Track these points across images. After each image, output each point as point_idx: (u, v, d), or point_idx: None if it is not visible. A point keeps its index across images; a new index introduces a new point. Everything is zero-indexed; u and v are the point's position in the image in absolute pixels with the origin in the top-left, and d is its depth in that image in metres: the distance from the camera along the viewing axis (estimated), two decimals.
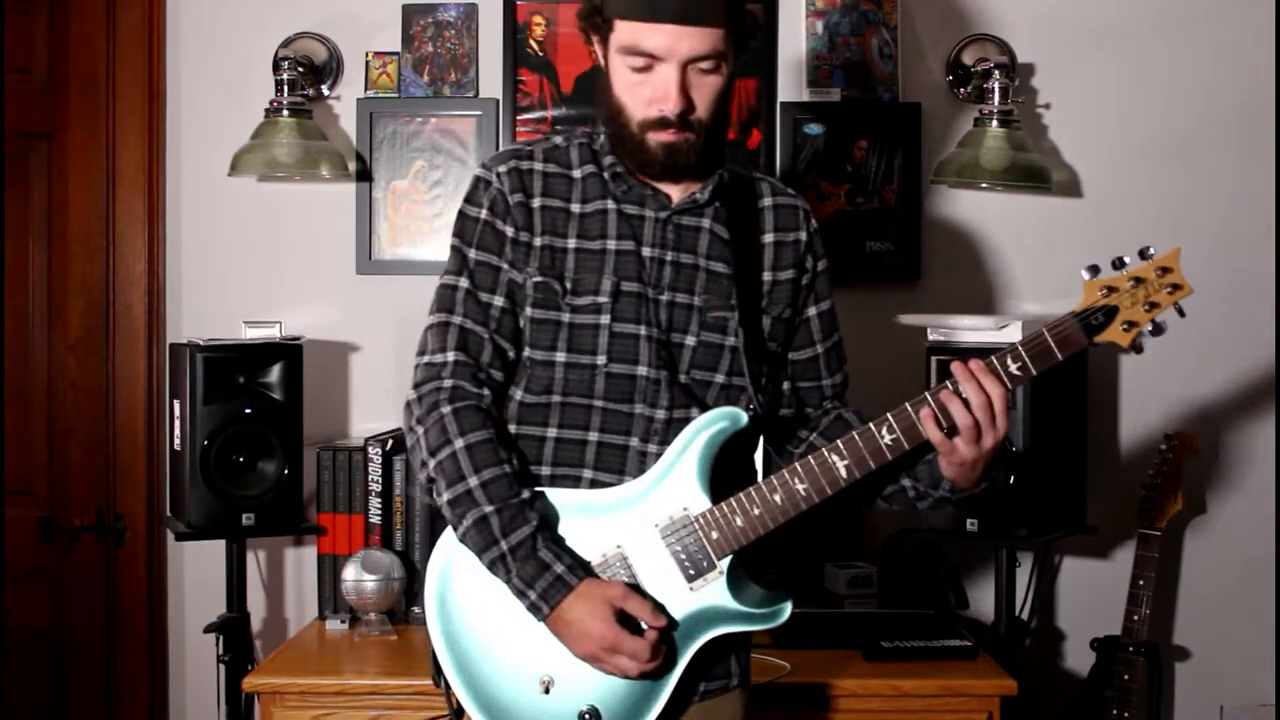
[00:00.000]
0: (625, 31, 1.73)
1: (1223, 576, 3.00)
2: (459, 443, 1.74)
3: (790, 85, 2.99)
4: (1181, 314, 1.76)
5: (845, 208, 2.98)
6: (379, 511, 2.77)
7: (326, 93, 3.00)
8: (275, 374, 2.69)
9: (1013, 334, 2.67)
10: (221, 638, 2.67)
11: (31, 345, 3.06)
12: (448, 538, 1.79)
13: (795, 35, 2.98)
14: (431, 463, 1.76)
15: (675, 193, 1.84)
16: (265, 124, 2.90)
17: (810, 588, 2.83)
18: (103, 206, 3.03)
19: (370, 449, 2.77)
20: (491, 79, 2.98)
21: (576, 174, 1.85)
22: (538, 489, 1.78)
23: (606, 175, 1.84)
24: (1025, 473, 2.61)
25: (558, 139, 1.89)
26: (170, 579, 3.06)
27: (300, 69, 2.91)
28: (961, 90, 2.97)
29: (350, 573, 2.68)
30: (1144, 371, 3.00)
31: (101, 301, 3.03)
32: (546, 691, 1.75)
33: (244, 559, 2.75)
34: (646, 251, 1.82)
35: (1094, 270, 1.73)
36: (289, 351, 2.71)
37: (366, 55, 3.00)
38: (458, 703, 1.78)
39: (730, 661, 1.88)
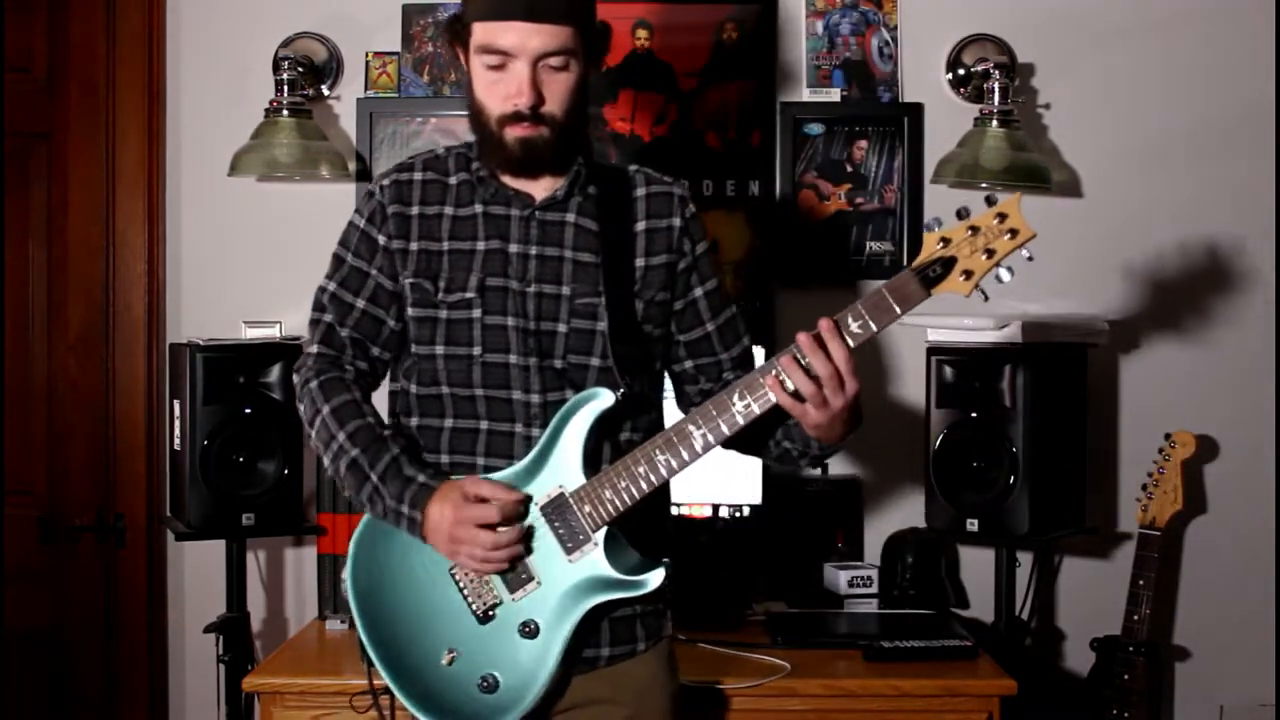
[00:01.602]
0: (480, 32, 1.86)
1: (1223, 576, 3.00)
2: (325, 409, 1.94)
3: (790, 85, 2.99)
4: (1029, 258, 1.74)
5: (845, 208, 2.98)
6: None
7: (326, 93, 3.00)
8: (275, 374, 2.69)
9: (1013, 334, 2.67)
10: (221, 638, 2.67)
11: (31, 345, 3.06)
12: (363, 521, 1.97)
13: (795, 35, 2.98)
14: (312, 435, 1.96)
15: (538, 191, 1.96)
16: (265, 124, 2.90)
17: (794, 584, 2.85)
18: (103, 206, 3.03)
19: None
20: None
21: (452, 180, 1.99)
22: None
23: (474, 179, 1.97)
24: (1025, 473, 2.62)
25: (440, 150, 2.04)
26: (170, 579, 3.06)
27: (300, 69, 2.91)
28: (961, 90, 2.97)
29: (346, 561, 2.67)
30: (1144, 371, 3.00)
31: (101, 301, 3.03)
32: (451, 664, 1.90)
33: (244, 559, 2.75)
34: (513, 248, 1.94)
35: (938, 223, 1.75)
36: (289, 351, 2.70)
37: (366, 55, 3.00)
38: (381, 682, 1.94)
39: (635, 627, 1.97)
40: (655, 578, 1.87)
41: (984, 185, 2.86)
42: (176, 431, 2.71)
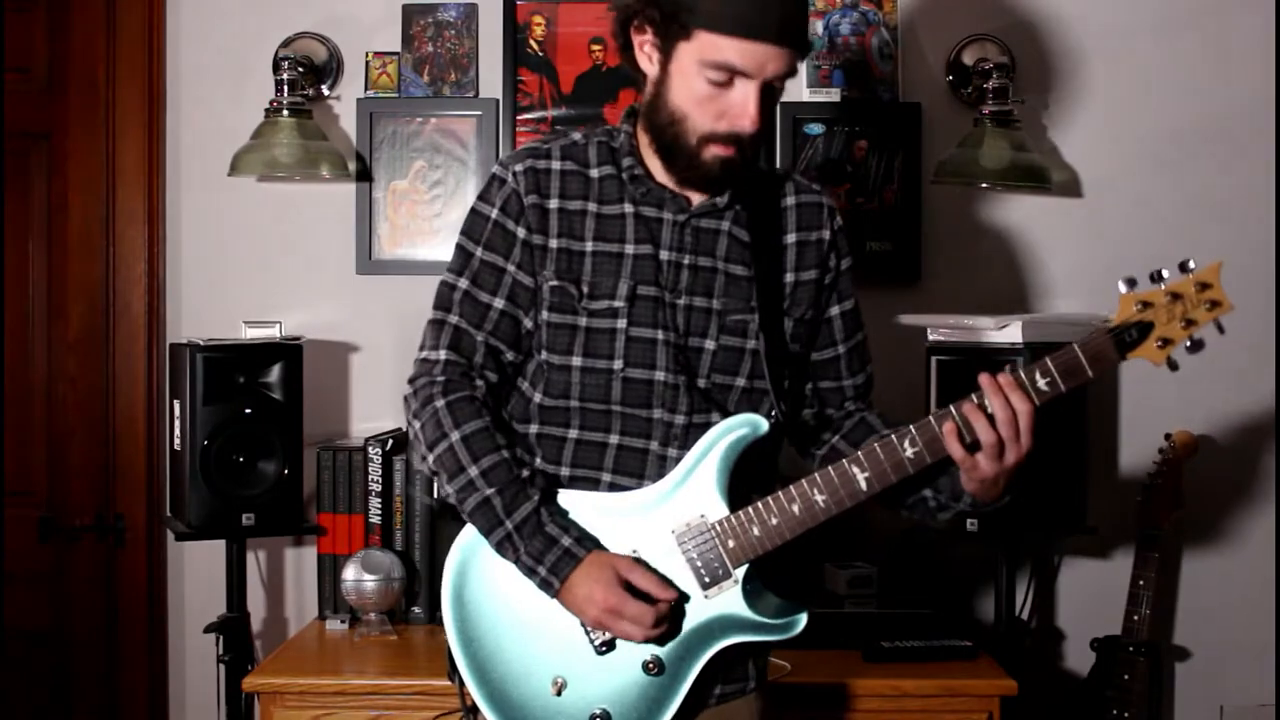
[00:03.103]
0: (712, 45, 1.68)
1: (1223, 576, 3.00)
2: (455, 435, 1.75)
3: (790, 85, 2.97)
4: (1221, 330, 1.69)
5: (845, 208, 2.97)
6: (379, 511, 2.77)
7: (326, 93, 3.00)
8: (275, 374, 2.69)
9: (1013, 334, 2.67)
10: (221, 638, 2.67)
11: (31, 345, 3.06)
12: (466, 534, 1.80)
13: None
14: (431, 457, 1.78)
15: (694, 195, 1.82)
16: (265, 124, 2.90)
17: (813, 591, 2.83)
18: (103, 206, 3.03)
19: (370, 449, 2.77)
20: (491, 79, 2.98)
21: (594, 173, 1.82)
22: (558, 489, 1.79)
23: (625, 176, 1.82)
24: (1025, 473, 2.61)
25: (576, 135, 1.86)
26: (170, 579, 3.06)
27: (300, 69, 2.91)
28: (961, 90, 2.97)
29: (350, 573, 2.68)
30: (1144, 372, 2.99)
31: (101, 301, 3.03)
32: (559, 693, 1.75)
33: (244, 559, 2.75)
34: (664, 255, 1.80)
35: (1131, 283, 1.66)
36: (289, 351, 2.71)
37: (366, 55, 3.00)
38: (472, 700, 1.79)
39: (748, 665, 1.87)
40: (799, 624, 1.76)
41: (984, 185, 2.86)
42: (176, 431, 2.71)
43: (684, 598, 1.74)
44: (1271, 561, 3.00)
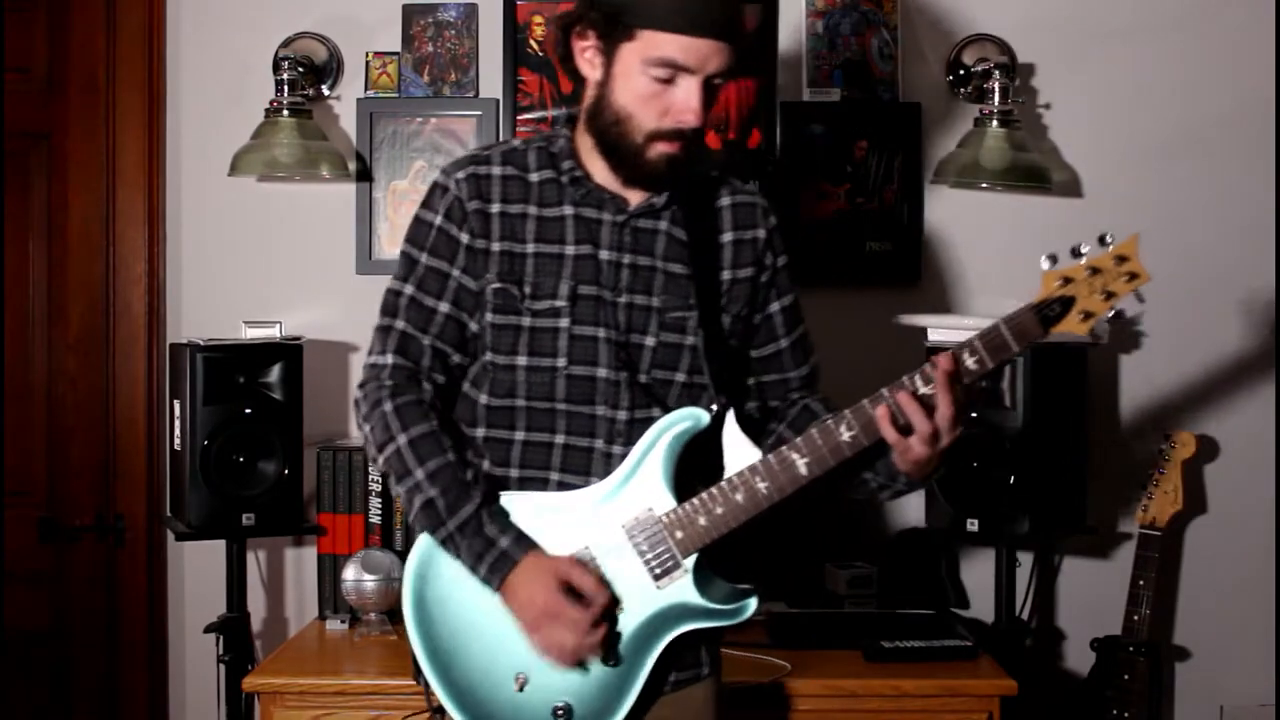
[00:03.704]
0: (654, 42, 1.73)
1: (1223, 576, 3.00)
2: (402, 438, 1.80)
3: (790, 85, 2.99)
4: (1140, 300, 1.77)
5: (845, 208, 2.98)
6: (379, 511, 2.77)
7: (326, 93, 3.00)
8: (275, 374, 2.69)
9: None
10: (221, 638, 2.67)
11: (31, 345, 3.06)
12: (424, 537, 1.84)
13: (795, 35, 2.98)
14: (380, 459, 1.84)
15: (633, 197, 1.87)
16: (265, 124, 2.90)
17: (794, 584, 2.84)
18: (103, 206, 3.03)
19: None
20: (491, 79, 2.98)
21: (534, 178, 1.87)
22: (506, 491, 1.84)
23: (565, 180, 1.87)
24: (1025, 473, 2.62)
25: (516, 142, 1.92)
26: (170, 579, 3.06)
27: (300, 69, 2.91)
28: (961, 90, 2.97)
29: (350, 573, 2.68)
30: (1144, 371, 3.00)
31: (101, 301, 3.03)
32: (522, 689, 1.80)
33: (244, 559, 2.76)
34: (604, 255, 1.85)
35: (1053, 260, 1.73)
36: (289, 351, 2.71)
37: (366, 55, 3.00)
38: (438, 701, 1.83)
39: (700, 652, 1.92)
40: (749, 608, 1.82)
41: (984, 185, 2.86)
42: (176, 431, 2.71)
43: (617, 601, 1.78)
44: (1271, 562, 3.00)
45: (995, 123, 2.82)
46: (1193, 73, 2.99)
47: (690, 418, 1.81)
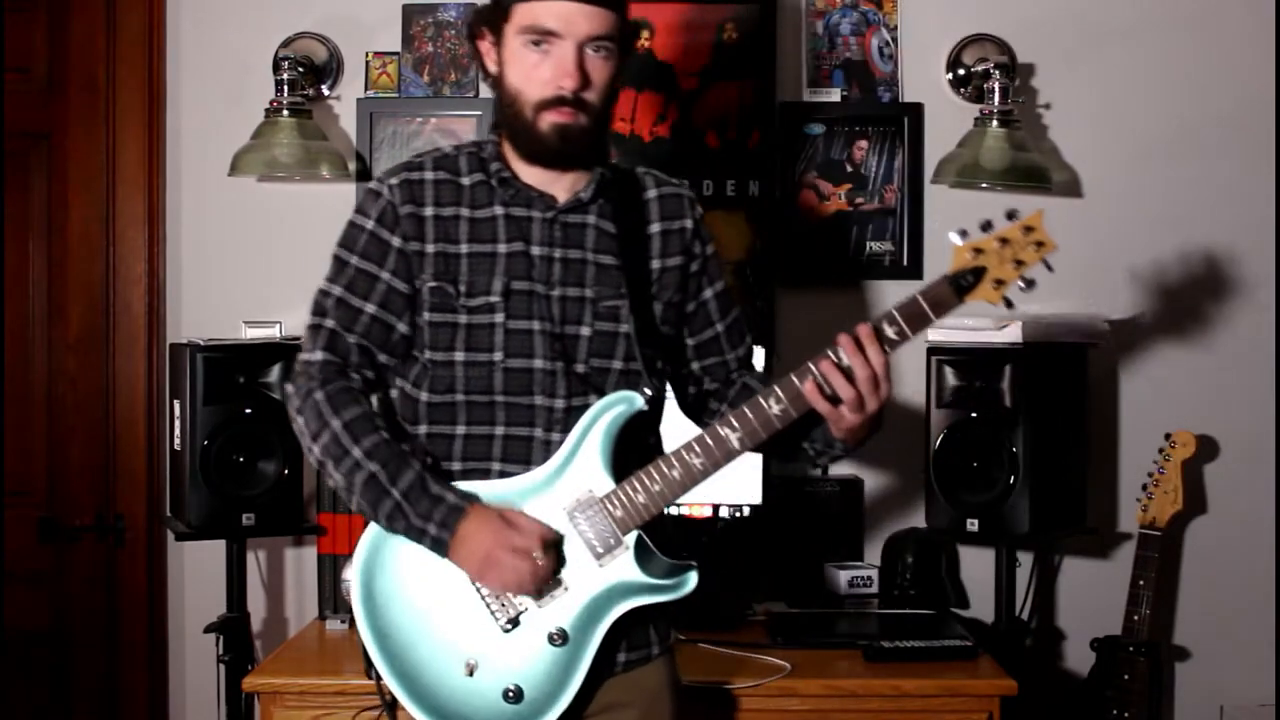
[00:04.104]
0: (524, 13, 1.82)
1: (1223, 576, 3.00)
2: (336, 422, 1.85)
3: (790, 85, 2.99)
4: (1049, 268, 1.83)
5: (845, 208, 2.98)
6: None
7: (326, 93, 3.00)
8: (275, 374, 2.69)
9: (1013, 334, 2.68)
10: (221, 638, 2.67)
11: (31, 345, 3.06)
12: (370, 531, 1.89)
13: (795, 35, 2.98)
14: (317, 448, 1.87)
15: (560, 194, 1.92)
16: (265, 124, 2.90)
17: (794, 584, 2.85)
18: (103, 206, 3.03)
19: None
20: None
21: (465, 181, 1.93)
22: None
23: (494, 181, 1.92)
24: (1025, 473, 2.62)
25: (448, 148, 1.98)
26: (170, 579, 3.06)
27: (300, 69, 2.91)
28: (961, 90, 2.97)
29: (350, 573, 2.67)
30: (1144, 371, 3.00)
31: (101, 301, 3.03)
32: (471, 674, 1.84)
33: (244, 559, 2.76)
34: (535, 251, 1.90)
35: (963, 234, 1.82)
36: (289, 351, 2.70)
37: (366, 55, 3.00)
38: (390, 695, 1.86)
39: (649, 631, 1.96)
40: (691, 581, 1.86)
41: (984, 185, 2.86)
42: (176, 431, 2.71)
43: (560, 538, 1.84)
44: (1271, 562, 3.00)
45: (995, 123, 2.82)
46: (1193, 73, 2.99)
47: (624, 400, 1.86)
